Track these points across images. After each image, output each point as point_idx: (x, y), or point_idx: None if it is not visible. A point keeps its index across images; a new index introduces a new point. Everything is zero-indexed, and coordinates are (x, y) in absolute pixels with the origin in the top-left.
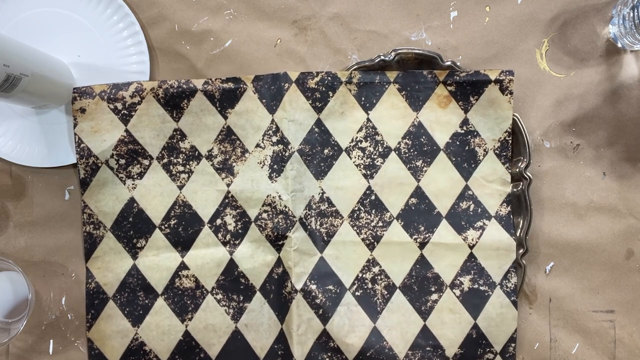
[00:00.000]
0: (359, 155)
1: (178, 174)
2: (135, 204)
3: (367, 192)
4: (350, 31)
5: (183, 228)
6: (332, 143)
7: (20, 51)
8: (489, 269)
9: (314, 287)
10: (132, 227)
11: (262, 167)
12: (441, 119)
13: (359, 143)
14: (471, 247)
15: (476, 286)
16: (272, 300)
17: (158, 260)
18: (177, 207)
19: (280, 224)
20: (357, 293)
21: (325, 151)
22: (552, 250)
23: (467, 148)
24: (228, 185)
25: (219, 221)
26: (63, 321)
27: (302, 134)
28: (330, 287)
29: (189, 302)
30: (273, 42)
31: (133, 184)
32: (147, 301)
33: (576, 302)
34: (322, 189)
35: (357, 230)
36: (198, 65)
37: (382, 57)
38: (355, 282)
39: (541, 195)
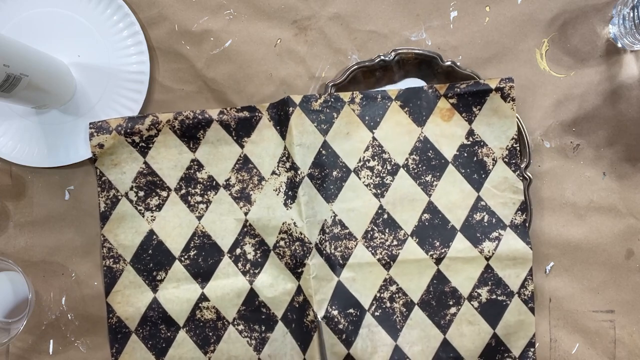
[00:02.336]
0: (367, 175)
1: (196, 205)
2: (154, 236)
3: (379, 211)
4: (350, 31)
5: (203, 259)
6: (340, 164)
7: (20, 51)
8: (506, 279)
9: (335, 312)
10: (152, 259)
11: (277, 195)
12: (446, 132)
13: (366, 162)
14: (487, 258)
15: (494, 296)
16: (294, 330)
17: (178, 293)
18: (196, 237)
19: (298, 251)
20: (376, 313)
21: (334, 173)
22: (552, 250)
23: (475, 159)
24: (246, 213)
25: (238, 250)
26: (63, 321)
27: (310, 157)
28: (351, 310)
29: (210, 333)
30: (273, 42)
31: (152, 216)
32: (169, 334)
33: (576, 302)
34: (334, 212)
35: (372, 251)
36: (198, 65)
37: (382, 57)
38: (374, 302)
39: (541, 195)
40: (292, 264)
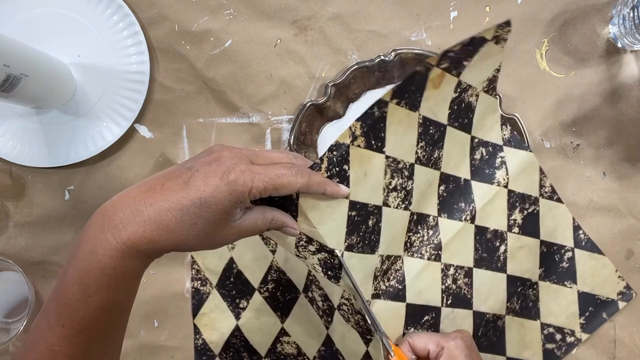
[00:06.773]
0: (395, 197)
1: (268, 238)
2: (234, 265)
3: (410, 218)
4: (350, 31)
5: (281, 293)
6: (370, 210)
7: (20, 51)
8: (527, 191)
9: (411, 330)
10: (234, 287)
11: (317, 272)
12: (437, 98)
13: (389, 186)
14: (506, 186)
15: (525, 213)
16: None
17: (259, 324)
18: (272, 271)
19: (361, 323)
20: (448, 302)
21: (370, 223)
22: None
23: (463, 105)
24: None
25: (310, 294)
26: None
27: (342, 233)
28: (426, 318)
29: None
30: (273, 42)
31: (232, 244)
32: None
33: None
34: (381, 256)
35: (419, 256)
36: (198, 65)
37: (382, 57)
38: (443, 295)
39: None
40: (358, 330)
